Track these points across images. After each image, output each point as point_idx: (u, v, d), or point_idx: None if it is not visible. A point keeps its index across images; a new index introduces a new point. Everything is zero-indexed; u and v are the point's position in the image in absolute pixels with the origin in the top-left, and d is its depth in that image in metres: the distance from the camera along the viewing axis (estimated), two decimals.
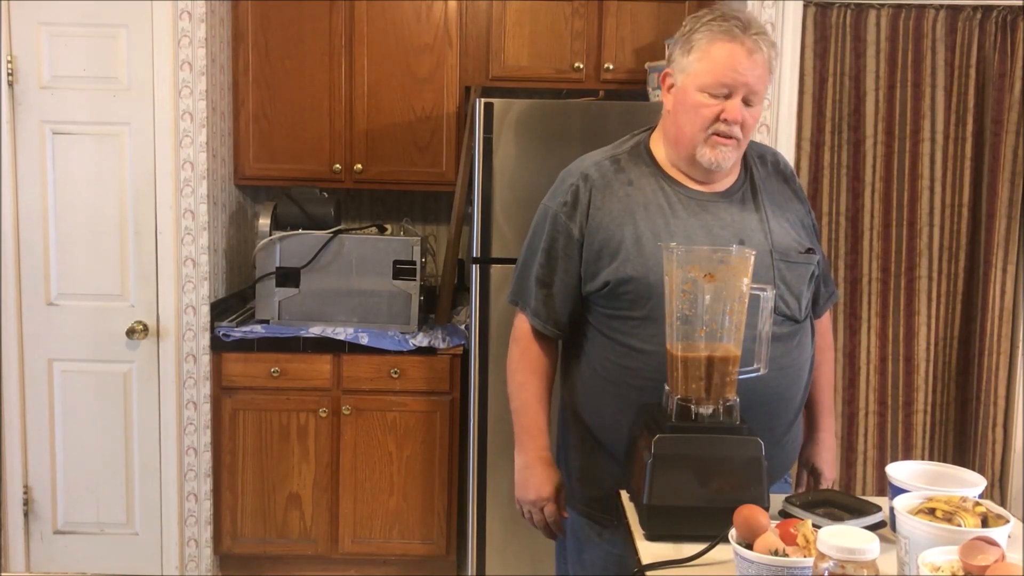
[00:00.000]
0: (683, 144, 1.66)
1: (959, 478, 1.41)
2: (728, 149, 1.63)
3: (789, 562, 1.15)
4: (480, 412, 2.85)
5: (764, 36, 1.61)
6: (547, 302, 1.76)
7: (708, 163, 1.64)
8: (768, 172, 1.76)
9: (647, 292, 1.63)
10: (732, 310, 1.42)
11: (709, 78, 1.60)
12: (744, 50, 1.58)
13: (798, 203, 1.77)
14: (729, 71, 1.58)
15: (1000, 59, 2.92)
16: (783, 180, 1.77)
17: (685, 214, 1.66)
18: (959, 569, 1.08)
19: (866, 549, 1.06)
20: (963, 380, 3.07)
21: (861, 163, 2.99)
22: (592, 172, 1.73)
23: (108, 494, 3.11)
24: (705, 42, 1.60)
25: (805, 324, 1.71)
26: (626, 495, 1.54)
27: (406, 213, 3.69)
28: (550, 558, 2.90)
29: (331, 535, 3.14)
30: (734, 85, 1.59)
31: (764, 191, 1.72)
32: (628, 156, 1.75)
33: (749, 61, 1.58)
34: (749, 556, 1.17)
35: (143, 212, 3.00)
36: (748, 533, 1.20)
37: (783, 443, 1.70)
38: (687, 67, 1.63)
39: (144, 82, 2.95)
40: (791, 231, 1.70)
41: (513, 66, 3.27)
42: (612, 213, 1.68)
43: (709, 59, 1.60)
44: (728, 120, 1.60)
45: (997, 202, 2.96)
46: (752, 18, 1.62)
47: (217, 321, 3.10)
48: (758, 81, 1.60)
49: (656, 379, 1.59)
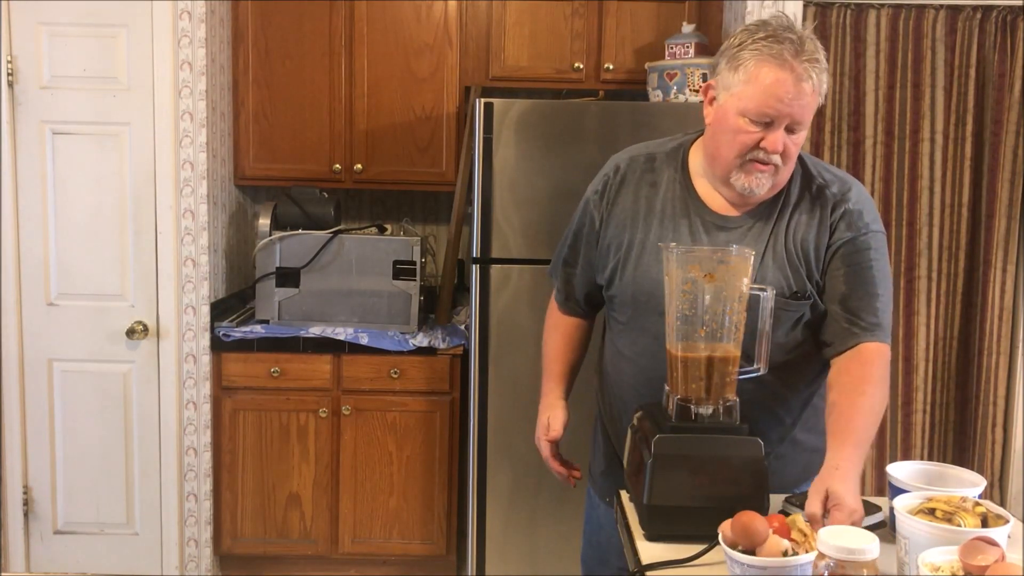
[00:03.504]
0: (719, 165, 1.59)
1: (959, 478, 1.41)
2: (764, 176, 1.55)
3: (793, 560, 1.15)
4: (480, 412, 2.85)
5: (816, 63, 1.50)
6: (568, 281, 1.85)
7: (741, 189, 1.57)
8: (805, 197, 1.63)
9: (629, 301, 1.68)
10: (732, 310, 1.42)
11: (752, 104, 1.50)
12: (793, 78, 1.48)
13: (819, 233, 1.61)
14: (775, 100, 1.49)
15: (1000, 59, 2.92)
16: (817, 206, 1.62)
17: (685, 232, 1.64)
18: (959, 569, 1.08)
19: (866, 549, 1.06)
20: (963, 380, 3.07)
21: (861, 163, 2.99)
22: (624, 166, 1.73)
23: (108, 494, 3.11)
24: (753, 64, 1.50)
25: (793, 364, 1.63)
26: (626, 495, 1.55)
27: (406, 213, 3.69)
28: (550, 558, 2.92)
29: (331, 535, 3.14)
30: (778, 115, 1.50)
31: (783, 220, 1.62)
32: (666, 156, 1.71)
33: (796, 90, 1.48)
34: (755, 562, 1.16)
35: (143, 212, 3.00)
36: (748, 540, 1.19)
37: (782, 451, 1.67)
38: (731, 86, 1.54)
39: (144, 82, 2.95)
40: (785, 270, 1.59)
41: (513, 66, 3.27)
42: (624, 213, 1.70)
43: (755, 84, 1.50)
44: (768, 150, 1.52)
45: (997, 202, 2.96)
46: (806, 39, 1.51)
47: (217, 321, 3.10)
48: (804, 111, 1.51)
49: (634, 385, 1.68)
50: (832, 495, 1.34)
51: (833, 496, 1.34)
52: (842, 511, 1.31)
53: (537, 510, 2.89)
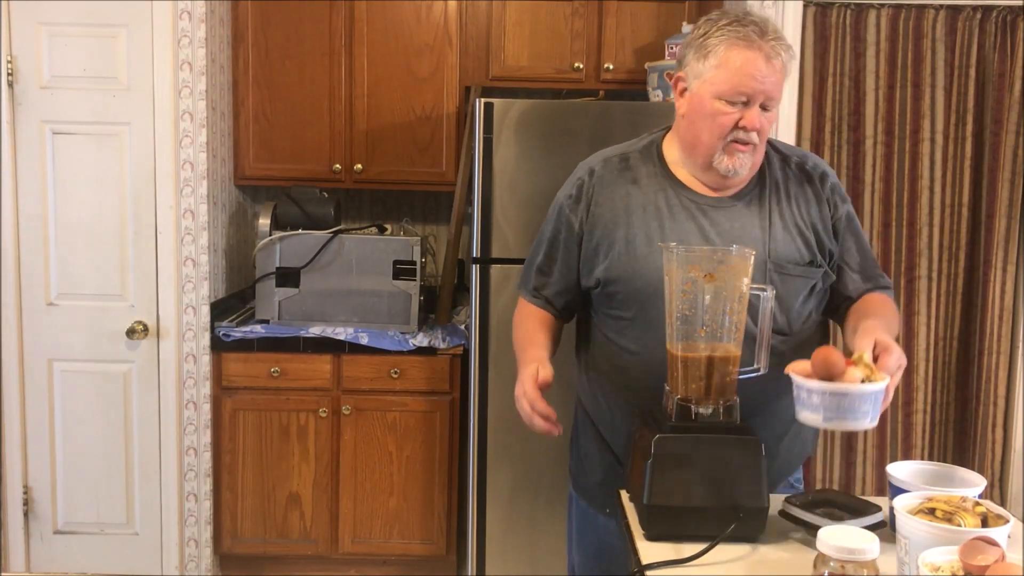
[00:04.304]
0: (700, 151, 1.64)
1: (959, 478, 1.41)
2: (745, 156, 1.62)
3: (870, 387, 1.29)
4: (480, 412, 2.85)
5: (781, 41, 1.59)
6: (542, 288, 1.80)
7: (726, 170, 1.62)
8: (789, 175, 1.72)
9: (634, 295, 1.66)
10: (732, 310, 1.42)
11: (727, 86, 1.57)
12: (762, 56, 1.56)
13: (818, 206, 1.70)
14: (748, 79, 1.56)
15: (1000, 59, 2.92)
16: (806, 182, 1.72)
17: (683, 217, 1.66)
18: (959, 569, 1.08)
19: (866, 549, 1.06)
20: (963, 380, 3.07)
21: (861, 163, 2.99)
22: (599, 168, 1.74)
23: (108, 494, 3.11)
24: (723, 48, 1.57)
25: (803, 335, 1.68)
26: (626, 495, 1.55)
27: (406, 213, 3.69)
28: (550, 558, 2.92)
29: (331, 535, 3.14)
30: (753, 93, 1.57)
31: (776, 196, 1.69)
32: (639, 155, 1.75)
33: (768, 67, 1.56)
34: (838, 388, 1.28)
35: (143, 212, 3.00)
36: (827, 372, 1.29)
37: (782, 444, 1.70)
38: (703, 73, 1.60)
39: (144, 82, 2.95)
40: (796, 240, 1.66)
41: (513, 66, 3.28)
42: (610, 211, 1.69)
43: (727, 67, 1.57)
44: (747, 127, 1.58)
45: (997, 202, 2.96)
46: (768, 21, 1.60)
47: (217, 321, 3.10)
48: (775, 87, 1.58)
49: (644, 380, 1.63)
50: (879, 343, 1.43)
51: (880, 343, 1.43)
52: (891, 354, 1.40)
53: (537, 510, 2.89)
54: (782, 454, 1.72)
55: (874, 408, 1.30)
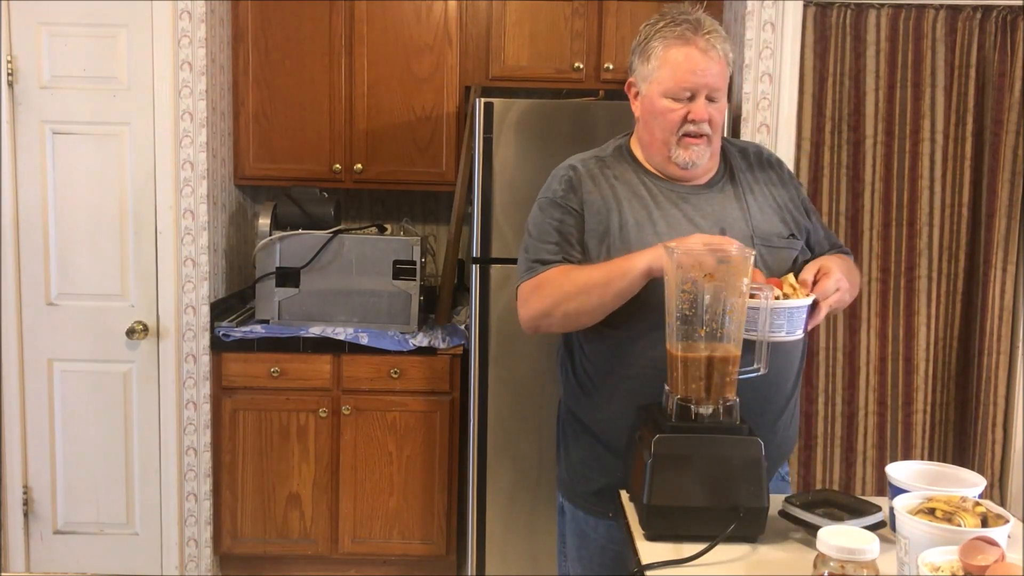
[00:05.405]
0: (656, 148, 1.73)
1: (959, 478, 1.41)
2: (700, 147, 1.70)
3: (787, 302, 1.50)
4: (480, 412, 2.85)
5: (716, 33, 1.67)
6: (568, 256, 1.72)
7: (683, 163, 1.70)
8: (751, 163, 1.82)
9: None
10: (732, 310, 1.42)
11: (670, 84, 1.67)
12: (699, 51, 1.65)
13: (784, 188, 1.80)
14: (688, 74, 1.65)
15: (1000, 59, 2.92)
16: (767, 167, 1.82)
17: (668, 204, 1.72)
18: (959, 569, 1.08)
19: (866, 549, 1.06)
20: (963, 380, 3.07)
21: (861, 163, 2.99)
22: (580, 166, 1.80)
23: (108, 494, 3.11)
24: (661, 49, 1.67)
25: None
26: (626, 495, 1.55)
27: (406, 213, 3.69)
28: (550, 558, 2.91)
29: (331, 535, 3.14)
30: (695, 87, 1.66)
31: (745, 181, 1.78)
32: (612, 156, 1.81)
33: (706, 60, 1.65)
34: (752, 303, 1.43)
35: (143, 212, 3.00)
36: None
37: (775, 428, 1.71)
38: (648, 75, 1.70)
39: (144, 82, 2.95)
40: (773, 217, 1.75)
41: (513, 66, 3.27)
42: (601, 200, 1.73)
43: (668, 65, 1.67)
44: (696, 120, 1.67)
45: (997, 202, 2.96)
46: (703, 17, 1.69)
47: (217, 321, 3.10)
48: (717, 78, 1.67)
49: (646, 369, 1.64)
50: (823, 267, 1.61)
51: (824, 268, 1.61)
52: (830, 277, 1.58)
53: (537, 510, 2.88)
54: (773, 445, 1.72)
55: (789, 322, 1.50)
